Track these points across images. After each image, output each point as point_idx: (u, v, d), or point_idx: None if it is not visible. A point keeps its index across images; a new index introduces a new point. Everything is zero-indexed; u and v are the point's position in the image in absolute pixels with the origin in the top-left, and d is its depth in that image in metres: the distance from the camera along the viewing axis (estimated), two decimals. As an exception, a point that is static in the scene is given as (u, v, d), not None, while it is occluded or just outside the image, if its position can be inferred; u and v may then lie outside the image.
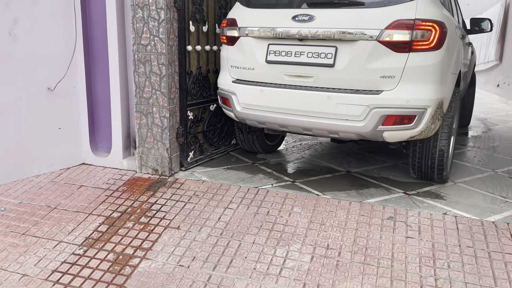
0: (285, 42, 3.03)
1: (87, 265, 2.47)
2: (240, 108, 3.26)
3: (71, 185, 3.35)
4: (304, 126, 3.07)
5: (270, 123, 3.21)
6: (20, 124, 3.33)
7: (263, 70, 3.12)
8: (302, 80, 3.01)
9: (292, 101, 3.03)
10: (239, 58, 3.24)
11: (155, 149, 3.39)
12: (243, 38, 3.18)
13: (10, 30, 3.15)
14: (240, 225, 2.76)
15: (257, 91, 3.13)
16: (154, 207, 3.00)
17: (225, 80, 3.36)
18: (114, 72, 3.38)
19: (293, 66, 3.01)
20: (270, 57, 3.08)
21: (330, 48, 2.90)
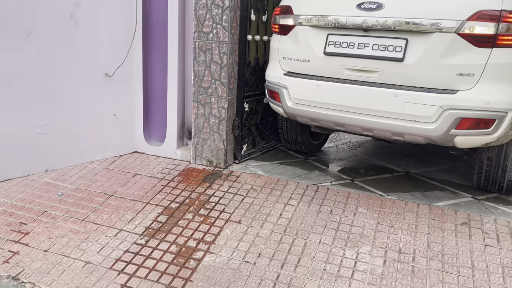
0: (347, 33, 2.78)
1: (150, 256, 2.41)
2: (291, 104, 3.01)
3: (126, 173, 3.30)
4: (364, 126, 2.80)
5: (325, 121, 2.96)
6: (78, 109, 3.30)
7: (320, 63, 2.88)
8: (364, 75, 2.75)
9: (352, 97, 2.77)
10: (292, 49, 3.00)
11: (211, 140, 3.32)
12: (299, 27, 2.94)
13: (72, 13, 3.12)
14: (303, 223, 2.65)
15: (312, 85, 2.88)
16: (212, 199, 2.92)
17: (275, 72, 3.11)
18: (173, 59, 3.30)
19: (355, 59, 2.75)
20: (329, 48, 2.83)
21: (400, 41, 2.62)
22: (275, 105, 3.22)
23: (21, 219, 2.72)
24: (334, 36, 2.83)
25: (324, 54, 2.84)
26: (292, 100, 3.01)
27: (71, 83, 3.22)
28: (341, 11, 2.77)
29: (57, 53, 3.12)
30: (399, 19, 2.58)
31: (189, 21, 3.28)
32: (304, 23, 2.91)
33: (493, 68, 2.50)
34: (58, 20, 3.07)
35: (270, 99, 3.25)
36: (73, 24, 3.13)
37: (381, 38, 2.68)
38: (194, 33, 3.15)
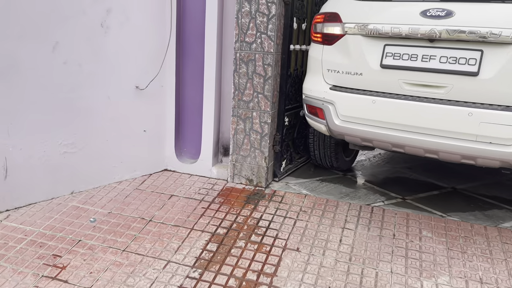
0: (409, 43, 2.49)
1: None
2: (339, 122, 2.72)
3: (160, 194, 3.04)
4: (427, 148, 2.50)
5: (381, 141, 2.65)
6: (106, 125, 3.03)
7: (375, 77, 2.60)
8: (429, 91, 2.46)
9: (415, 116, 2.47)
10: (340, 61, 2.72)
11: (251, 157, 3.08)
12: (349, 37, 2.65)
13: (102, 21, 2.86)
14: (367, 250, 2.44)
15: (367, 101, 2.60)
16: (261, 224, 2.69)
17: (318, 86, 2.83)
18: (210, 71, 3.07)
19: (418, 73, 2.47)
20: (387, 60, 2.55)
21: (474, 52, 2.34)
22: (316, 122, 2.92)
23: (54, 251, 2.44)
24: (392, 47, 2.55)
25: (380, 67, 2.57)
26: (341, 117, 2.73)
27: (99, 97, 2.95)
28: (401, 19, 2.49)
29: (86, 65, 2.85)
30: (474, 28, 2.30)
31: (227, 30, 3.06)
32: (355, 32, 2.63)
33: None
34: (87, 29, 2.81)
35: (310, 115, 2.95)
36: (103, 33, 2.87)
37: (450, 49, 2.39)
38: (235, 43, 2.92)
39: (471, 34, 2.31)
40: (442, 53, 2.42)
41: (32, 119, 2.71)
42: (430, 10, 2.41)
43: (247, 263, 2.35)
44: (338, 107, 2.71)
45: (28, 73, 2.63)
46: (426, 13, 2.42)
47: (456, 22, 2.35)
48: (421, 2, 2.46)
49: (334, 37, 2.73)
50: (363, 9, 2.65)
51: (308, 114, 2.97)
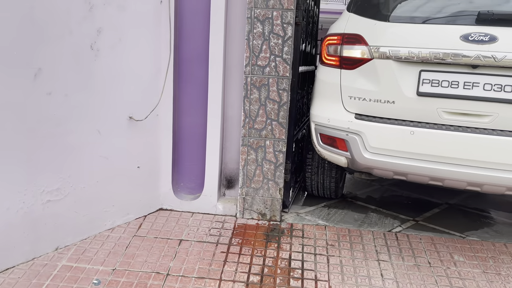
0: (449, 69, 2.34)
1: None
2: (368, 154, 2.51)
3: (166, 240, 2.64)
4: (470, 181, 2.37)
5: (417, 175, 2.47)
6: (96, 164, 2.56)
7: (410, 105, 2.42)
8: (471, 120, 2.35)
9: (457, 147, 2.34)
10: (367, 87, 2.51)
11: (264, 189, 2.83)
12: (378, 61, 2.46)
13: (92, 43, 2.41)
14: (412, 283, 2.34)
15: (404, 132, 2.41)
16: (294, 265, 2.45)
17: (337, 114, 2.59)
18: (216, 97, 2.76)
19: (459, 101, 2.34)
20: (424, 88, 2.38)
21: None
22: (334, 154, 2.68)
23: (61, 331, 1.95)
24: (430, 73, 2.39)
25: (416, 95, 2.40)
26: (370, 149, 2.51)
27: (88, 131, 2.48)
28: (440, 44, 2.34)
29: (73, 95, 2.37)
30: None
31: (231, 51, 2.79)
32: (386, 56, 2.44)
33: None
34: (75, 52, 2.34)
35: (326, 146, 2.70)
36: (93, 57, 2.42)
37: (495, 76, 2.29)
38: (246, 66, 2.67)
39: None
40: (486, 80, 2.31)
41: (8, 164, 2.17)
42: (472, 35, 2.29)
43: (298, 314, 2.11)
44: (368, 138, 2.50)
45: (3, 108, 2.10)
46: (467, 37, 2.30)
47: (500, 47, 2.26)
48: (462, 26, 2.34)
49: (357, 61, 2.53)
50: (393, 31, 2.48)
51: (323, 145, 2.73)
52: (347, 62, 2.56)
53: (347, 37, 2.55)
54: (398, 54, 2.41)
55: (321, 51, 2.72)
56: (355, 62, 2.54)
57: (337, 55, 2.60)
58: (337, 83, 2.61)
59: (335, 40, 2.60)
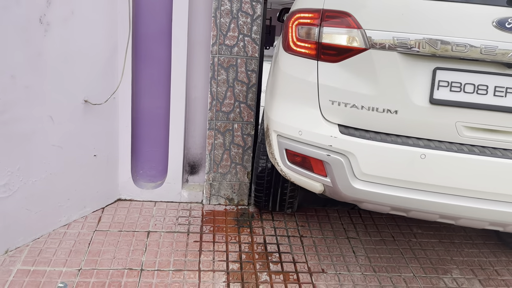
0: (475, 68, 1.71)
1: None
2: (359, 184, 1.78)
3: (132, 232, 2.46)
4: (495, 220, 1.76)
5: (427, 212, 1.81)
6: (49, 154, 2.27)
7: (420, 116, 1.76)
8: (502, 139, 1.75)
9: (484, 177, 1.72)
10: (358, 89, 1.79)
11: (232, 174, 2.75)
12: (376, 53, 1.73)
13: (41, 16, 2.09)
14: (381, 256, 2.46)
15: (411, 155, 1.73)
16: (270, 249, 2.44)
17: (315, 126, 1.85)
18: (180, 78, 2.57)
19: (487, 113, 1.72)
20: (441, 93, 1.72)
21: None
22: (306, 179, 1.92)
23: None
24: (448, 73, 1.72)
25: (429, 103, 1.73)
26: (361, 177, 1.79)
27: (38, 118, 2.18)
28: (465, 31, 1.67)
29: (21, 77, 2.06)
30: None
31: (196, 30, 2.61)
32: (388, 46, 1.72)
33: None
34: (22, 26, 2.02)
35: (296, 168, 1.92)
36: (42, 32, 2.11)
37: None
38: (213, 46, 2.52)
39: None
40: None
41: None
42: (509, 20, 1.64)
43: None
44: (360, 162, 1.78)
45: None
46: (504, 23, 1.64)
47: None
48: (492, 7, 1.66)
49: (343, 50, 1.78)
50: (399, 10, 1.72)
51: (290, 165, 1.94)
52: (329, 51, 1.81)
53: (329, 14, 1.79)
54: (406, 43, 1.70)
55: (285, 33, 1.94)
56: (341, 52, 1.80)
57: (312, 41, 1.83)
58: (312, 81, 1.85)
59: (310, 18, 1.83)
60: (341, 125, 1.84)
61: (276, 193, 2.59)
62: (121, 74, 2.48)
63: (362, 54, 1.75)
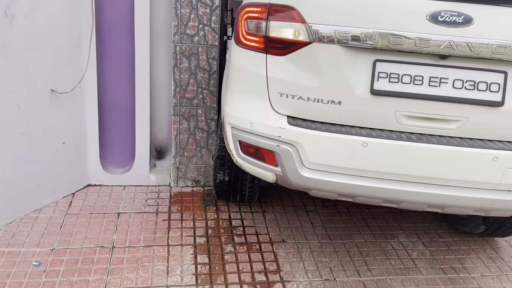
0: (412, 59, 1.80)
1: (232, 306, 2.04)
2: (307, 172, 1.87)
3: (103, 214, 2.58)
4: (433, 203, 1.90)
5: (370, 197, 1.93)
6: (17, 142, 2.36)
7: (362, 106, 1.85)
8: (436, 126, 1.85)
9: (421, 163, 1.82)
10: (303, 81, 1.86)
11: (197, 157, 2.91)
12: (320, 46, 1.80)
13: (6, 9, 2.17)
14: (336, 226, 2.69)
15: (355, 144, 1.82)
16: (235, 224, 2.62)
17: (265, 117, 1.92)
18: (143, 66, 2.70)
19: (423, 102, 1.81)
20: (380, 84, 1.81)
21: (496, 75, 1.79)
22: (259, 169, 1.99)
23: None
24: (387, 65, 1.81)
25: (370, 93, 1.82)
26: (309, 165, 1.87)
27: (6, 106, 2.27)
28: (401, 25, 1.75)
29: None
30: (501, 42, 1.73)
31: (158, 20, 2.73)
32: (331, 40, 1.79)
33: None
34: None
35: (249, 159, 1.99)
36: (7, 24, 2.19)
37: (467, 70, 1.79)
38: (174, 35, 2.66)
39: (499, 50, 1.74)
40: (457, 75, 1.80)
41: None
42: (442, 14, 1.72)
43: (247, 266, 2.30)
44: (307, 152, 1.85)
45: None
46: (437, 17, 1.73)
47: (477, 32, 1.73)
48: (426, 1, 1.75)
49: (290, 44, 1.85)
50: (341, 4, 1.80)
51: (244, 156, 2.00)
52: (276, 45, 1.88)
53: (276, 9, 1.85)
54: (347, 36, 1.78)
55: (236, 27, 2.00)
56: (288, 45, 1.86)
57: (261, 35, 1.88)
58: (261, 74, 1.91)
59: (258, 12, 1.88)
60: (290, 117, 1.92)
61: (237, 184, 2.61)
62: (86, 64, 2.58)
63: (306, 47, 1.82)
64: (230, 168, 2.54)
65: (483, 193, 1.84)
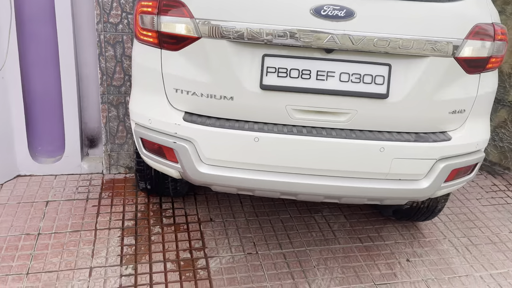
0: (299, 54, 1.82)
1: (154, 282, 2.13)
2: (205, 168, 1.88)
3: (31, 203, 2.60)
4: (328, 194, 1.95)
5: (266, 190, 1.95)
6: None
7: (253, 102, 1.86)
8: (326, 119, 1.89)
9: (311, 155, 1.87)
10: (196, 77, 1.85)
11: (129, 144, 2.96)
12: (208, 41, 1.79)
13: None
14: (266, 205, 2.83)
15: (247, 139, 1.84)
16: (165, 206, 2.70)
17: (162, 114, 1.91)
18: (68, 55, 2.71)
19: (312, 96, 1.84)
20: (269, 79, 1.82)
21: (380, 68, 1.83)
22: (162, 166, 2.00)
23: None
24: (275, 59, 1.82)
25: (260, 88, 1.83)
26: (206, 161, 1.89)
27: None
28: (286, 20, 1.76)
29: None
30: (381, 35, 1.76)
31: (81, 9, 2.74)
32: (217, 34, 1.77)
33: (480, 99, 1.99)
34: None
35: (150, 155, 2.00)
36: None
37: (352, 63, 1.83)
38: (98, 24, 2.68)
39: (377, 42, 1.77)
40: (343, 69, 1.83)
41: None
42: (325, 8, 1.74)
43: (173, 245, 2.39)
44: (202, 148, 1.87)
45: None
46: (320, 11, 1.74)
47: (359, 25, 1.76)
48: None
49: (181, 39, 1.83)
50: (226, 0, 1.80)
51: (147, 154, 2.01)
52: (169, 40, 1.85)
53: (166, 3, 1.82)
54: (233, 31, 1.77)
55: (134, 22, 1.97)
56: (179, 40, 1.84)
57: (154, 30, 1.86)
58: (157, 69, 1.90)
59: (150, 7, 1.85)
60: (188, 113, 1.91)
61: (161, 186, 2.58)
62: (6, 54, 2.57)
63: (196, 42, 1.80)
64: (151, 179, 2.53)
65: (375, 183, 1.91)
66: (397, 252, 2.50)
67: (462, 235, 2.71)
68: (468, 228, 2.78)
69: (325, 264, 2.35)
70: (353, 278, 2.27)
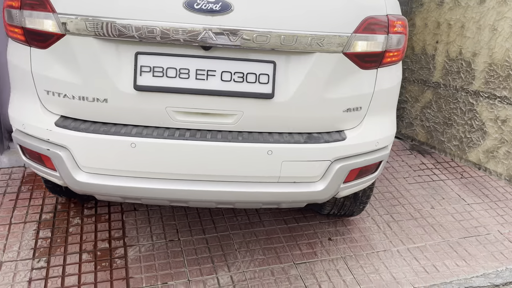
0: (174, 51, 1.67)
1: (66, 274, 2.08)
2: (83, 177, 1.74)
3: None
4: (219, 200, 1.82)
5: (153, 198, 1.82)
6: None
7: (128, 104, 1.70)
8: (213, 122, 1.76)
9: (197, 160, 1.73)
10: (66, 77, 1.68)
11: (51, 136, 2.86)
12: (74, 39, 1.62)
13: None
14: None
15: (122, 145, 1.69)
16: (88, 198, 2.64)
17: (35, 118, 1.75)
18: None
19: (193, 97, 1.70)
20: (144, 79, 1.67)
21: (264, 65, 1.71)
22: (45, 174, 1.85)
23: None
24: (149, 58, 1.66)
25: (135, 89, 1.67)
26: (84, 169, 1.74)
27: None
28: (157, 14, 1.60)
29: None
30: (262, 30, 1.63)
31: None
32: (83, 31, 1.60)
33: (379, 95, 1.88)
34: None
35: (32, 164, 1.85)
36: None
37: (234, 61, 1.69)
38: (7, 11, 2.57)
39: (258, 37, 1.64)
40: (224, 67, 1.69)
41: None
42: (198, 1, 1.59)
43: (92, 235, 2.35)
44: (76, 155, 1.71)
45: None
46: (193, 4, 1.59)
47: (237, 20, 1.62)
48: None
49: (48, 36, 1.64)
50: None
51: (27, 161, 1.86)
52: (35, 37, 1.67)
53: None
54: (99, 27, 1.60)
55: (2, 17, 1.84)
56: (46, 38, 1.66)
57: (19, 26, 1.68)
58: (27, 69, 1.72)
59: (13, 1, 1.67)
60: (63, 116, 1.76)
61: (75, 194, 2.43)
62: None
63: (62, 40, 1.64)
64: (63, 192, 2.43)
65: (269, 187, 1.80)
66: (320, 232, 2.55)
67: (386, 212, 2.79)
68: (392, 206, 2.87)
69: (247, 247, 2.37)
70: (274, 258, 2.30)
